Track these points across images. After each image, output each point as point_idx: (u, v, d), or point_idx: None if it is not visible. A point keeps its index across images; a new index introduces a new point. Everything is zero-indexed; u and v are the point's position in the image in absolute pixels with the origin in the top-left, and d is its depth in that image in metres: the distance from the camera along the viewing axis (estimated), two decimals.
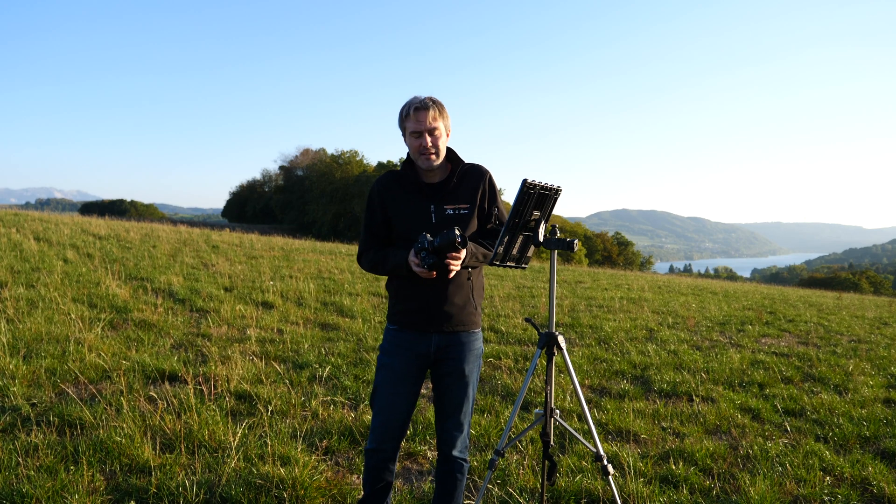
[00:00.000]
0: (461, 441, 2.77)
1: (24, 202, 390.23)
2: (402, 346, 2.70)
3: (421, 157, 2.61)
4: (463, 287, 2.68)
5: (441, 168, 2.70)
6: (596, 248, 68.16)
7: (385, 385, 2.72)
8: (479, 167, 2.75)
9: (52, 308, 7.31)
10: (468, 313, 2.70)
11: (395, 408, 2.71)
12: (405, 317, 2.70)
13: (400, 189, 2.70)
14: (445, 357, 2.70)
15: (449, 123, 2.67)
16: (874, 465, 4.13)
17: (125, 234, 16.93)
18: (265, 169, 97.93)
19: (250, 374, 5.29)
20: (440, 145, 2.61)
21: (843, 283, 53.65)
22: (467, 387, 2.73)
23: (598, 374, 6.29)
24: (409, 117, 2.58)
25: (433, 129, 2.57)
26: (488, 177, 2.73)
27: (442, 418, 2.76)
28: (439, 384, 2.75)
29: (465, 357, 2.71)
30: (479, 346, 2.77)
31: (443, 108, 2.61)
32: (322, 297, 9.89)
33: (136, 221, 22.58)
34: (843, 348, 8.59)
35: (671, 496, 3.57)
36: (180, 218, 68.00)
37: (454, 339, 2.69)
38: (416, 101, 2.59)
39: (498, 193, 2.78)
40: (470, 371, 2.73)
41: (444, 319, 2.66)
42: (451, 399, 2.73)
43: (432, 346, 2.68)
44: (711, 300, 13.99)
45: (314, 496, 3.30)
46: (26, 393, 4.55)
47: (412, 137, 2.60)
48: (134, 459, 3.58)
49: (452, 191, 2.67)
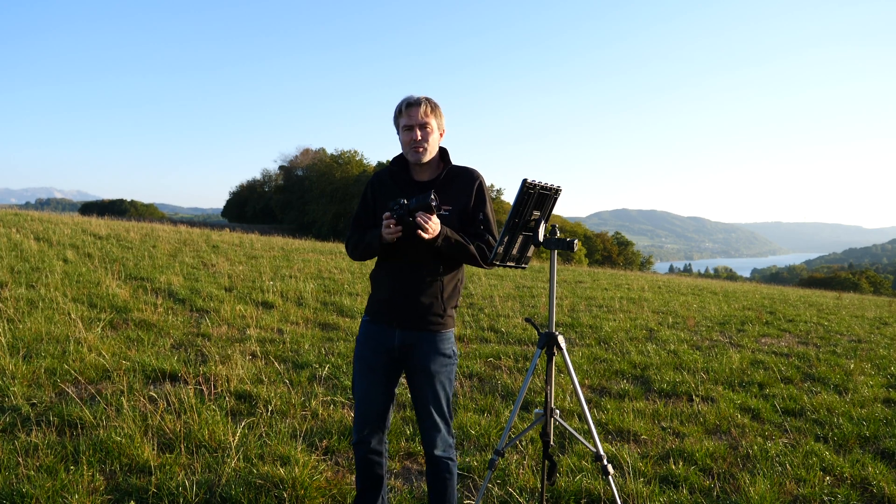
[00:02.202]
0: (441, 440, 2.75)
1: (24, 202, 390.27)
2: (371, 337, 2.76)
3: (411, 151, 2.67)
4: (431, 286, 2.68)
5: (432, 167, 2.76)
6: (596, 248, 68.16)
7: (360, 376, 2.78)
8: (471, 170, 2.79)
9: (52, 308, 7.31)
10: (434, 314, 2.69)
11: (370, 398, 2.75)
12: (374, 307, 2.77)
13: (391, 184, 2.77)
14: (411, 354, 2.71)
15: (443, 123, 2.73)
16: (874, 465, 4.13)
17: (125, 233, 16.93)
18: (265, 169, 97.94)
19: (250, 374, 5.29)
20: (430, 141, 2.67)
21: (843, 283, 53.65)
22: (435, 385, 2.71)
23: (598, 374, 6.29)
24: (402, 113, 2.67)
25: (424, 123, 2.64)
26: (479, 181, 2.76)
27: (419, 417, 2.79)
28: (410, 382, 2.78)
29: (430, 356, 2.69)
30: (448, 347, 2.74)
31: (436, 108, 2.69)
32: (322, 296, 9.89)
33: (136, 221, 22.57)
34: (842, 348, 8.59)
35: (671, 496, 3.58)
36: (180, 218, 68.01)
37: (419, 337, 2.69)
38: (410, 98, 2.68)
39: (488, 198, 2.77)
40: (437, 370, 2.70)
41: (407, 315, 2.68)
42: (422, 398, 2.74)
43: (396, 340, 2.70)
44: (711, 300, 13.99)
45: (314, 496, 3.30)
46: (26, 393, 4.55)
47: (404, 131, 2.67)
48: (134, 459, 3.58)
49: (440, 190, 2.70)
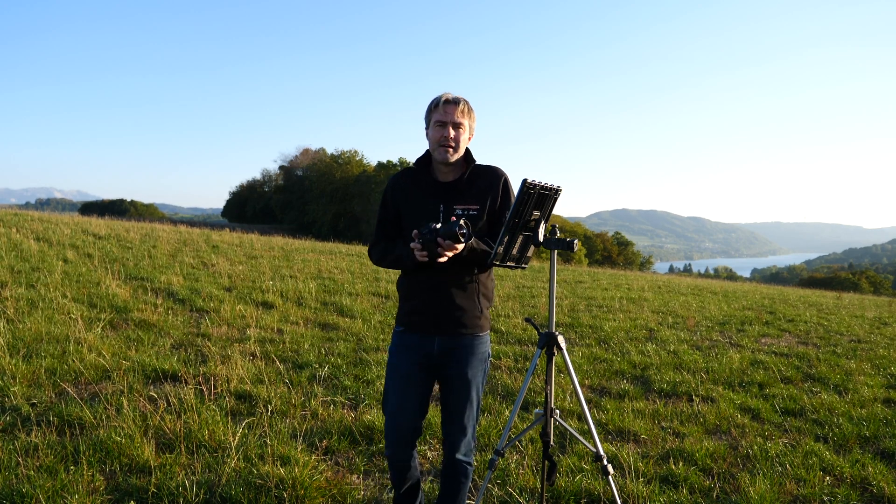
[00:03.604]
0: (465, 444, 2.77)
1: (24, 202, 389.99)
2: (407, 347, 2.71)
3: (440, 149, 2.61)
4: (467, 289, 2.67)
5: (456, 167, 2.70)
6: (596, 248, 68.16)
7: (393, 388, 2.73)
8: (496, 169, 2.74)
9: (52, 308, 7.31)
10: (473, 316, 2.69)
11: (404, 411, 2.71)
12: (410, 317, 2.71)
13: (413, 186, 2.71)
14: (450, 360, 2.68)
15: (474, 126, 2.70)
16: (874, 465, 4.13)
17: (125, 233, 16.93)
18: (265, 169, 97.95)
19: (250, 374, 5.29)
20: (461, 141, 2.63)
21: (843, 283, 53.62)
22: (471, 391, 2.71)
23: (597, 374, 6.29)
24: (437, 108, 2.61)
25: (458, 123, 2.60)
26: (503, 179, 2.71)
27: (446, 421, 2.76)
28: (444, 387, 2.75)
29: (468, 361, 2.69)
30: (485, 350, 2.75)
31: (471, 110, 2.66)
32: (322, 296, 9.89)
33: (136, 221, 22.55)
34: (842, 348, 8.59)
35: (671, 496, 3.58)
36: (180, 218, 67.99)
37: (458, 342, 2.68)
38: (449, 95, 2.63)
39: (512, 196, 2.72)
40: (473, 375, 2.71)
41: (448, 321, 2.65)
42: (455, 403, 2.72)
43: (436, 348, 2.67)
44: (711, 300, 13.99)
45: (314, 496, 3.30)
46: (26, 393, 4.55)
47: (436, 127, 2.61)
48: (134, 459, 3.58)
49: (464, 190, 2.66)
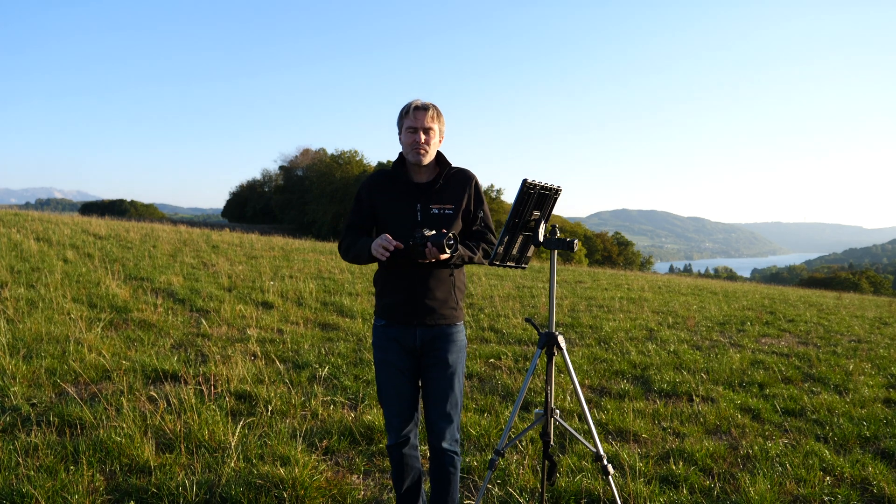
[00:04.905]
0: (450, 433, 2.83)
1: (24, 202, 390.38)
2: (392, 340, 2.82)
3: (412, 152, 2.76)
4: (445, 282, 2.80)
5: (430, 169, 2.86)
6: (596, 248, 68.15)
7: (387, 380, 2.84)
8: (466, 171, 2.92)
9: (52, 308, 7.31)
10: (450, 308, 2.82)
11: (402, 397, 2.83)
12: (390, 310, 2.81)
13: (390, 186, 2.85)
14: (431, 349, 2.80)
15: (444, 129, 2.85)
16: (874, 465, 4.13)
17: (125, 234, 16.93)
18: (265, 169, 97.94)
19: (250, 374, 5.29)
20: (432, 145, 2.78)
21: (843, 283, 53.61)
22: (452, 377, 2.81)
23: (598, 374, 6.29)
24: (408, 115, 2.76)
25: (428, 128, 2.75)
26: (474, 181, 2.89)
27: (429, 409, 2.84)
28: (425, 376, 2.84)
29: (448, 347, 2.81)
30: (461, 338, 2.88)
31: (440, 114, 2.81)
32: (322, 297, 9.89)
33: (136, 221, 22.58)
34: (843, 348, 8.59)
35: (671, 496, 3.58)
36: (180, 218, 67.96)
37: (438, 331, 2.80)
38: (418, 101, 2.78)
39: (484, 197, 2.93)
40: (454, 361, 2.82)
41: (427, 313, 2.77)
42: (437, 389, 2.81)
43: (417, 339, 2.79)
44: (711, 300, 13.99)
45: (314, 496, 3.30)
46: (26, 393, 4.55)
47: (408, 133, 2.76)
48: (134, 459, 3.58)
49: (439, 191, 2.81)
